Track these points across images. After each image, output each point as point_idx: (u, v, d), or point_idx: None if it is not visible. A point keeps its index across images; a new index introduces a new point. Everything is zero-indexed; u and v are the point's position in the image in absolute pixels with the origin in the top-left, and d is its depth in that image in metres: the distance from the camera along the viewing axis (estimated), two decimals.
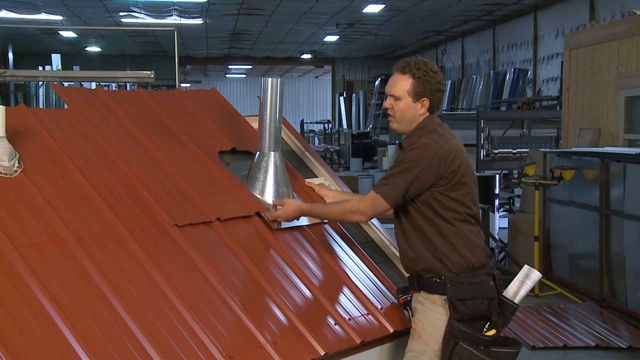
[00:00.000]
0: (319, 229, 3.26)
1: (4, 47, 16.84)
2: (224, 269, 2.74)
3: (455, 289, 2.72)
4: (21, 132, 2.83)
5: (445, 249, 2.76)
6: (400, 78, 2.86)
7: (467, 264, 2.75)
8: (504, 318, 2.79)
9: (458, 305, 2.70)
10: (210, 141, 3.40)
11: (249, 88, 35.19)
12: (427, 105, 2.85)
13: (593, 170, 6.80)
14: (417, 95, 2.83)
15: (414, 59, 2.88)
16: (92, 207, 2.69)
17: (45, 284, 2.31)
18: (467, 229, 2.79)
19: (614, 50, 7.81)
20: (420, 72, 2.82)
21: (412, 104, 2.85)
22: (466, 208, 2.79)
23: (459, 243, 2.76)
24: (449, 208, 2.76)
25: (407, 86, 2.83)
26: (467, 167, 2.82)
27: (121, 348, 2.25)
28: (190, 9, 16.13)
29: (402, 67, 2.86)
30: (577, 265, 7.17)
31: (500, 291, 2.81)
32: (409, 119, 2.87)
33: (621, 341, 5.44)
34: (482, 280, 2.75)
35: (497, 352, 2.71)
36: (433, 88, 2.84)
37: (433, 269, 2.77)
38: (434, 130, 2.85)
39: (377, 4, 15.64)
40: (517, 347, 2.78)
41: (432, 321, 2.77)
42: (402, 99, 2.85)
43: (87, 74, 12.73)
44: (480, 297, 2.73)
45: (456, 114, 15.57)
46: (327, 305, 2.83)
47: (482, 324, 2.73)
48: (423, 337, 2.78)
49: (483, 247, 2.83)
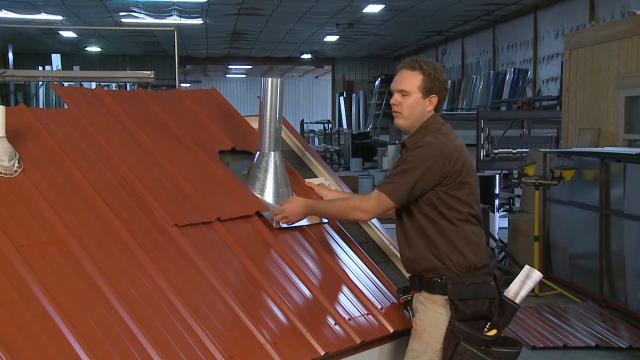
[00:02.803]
0: (319, 229, 3.26)
1: (4, 47, 16.85)
2: (224, 269, 2.74)
3: (456, 289, 2.72)
4: (21, 132, 2.83)
5: (447, 249, 2.75)
6: (410, 74, 2.85)
7: (469, 264, 2.75)
8: (504, 318, 2.79)
9: (459, 305, 2.70)
10: (210, 141, 3.40)
11: (249, 88, 35.19)
12: (435, 102, 2.86)
13: (593, 170, 6.80)
14: (427, 92, 2.84)
15: (421, 58, 2.91)
16: (92, 207, 2.69)
17: (45, 284, 2.31)
18: (469, 229, 2.80)
19: (614, 50, 7.81)
20: (430, 68, 2.83)
21: (421, 100, 2.85)
22: (469, 208, 2.79)
23: (461, 243, 2.76)
24: (452, 207, 2.77)
25: (417, 82, 2.83)
26: (470, 166, 2.83)
27: (121, 348, 2.25)
28: (190, 9, 16.13)
29: (411, 64, 2.87)
30: (577, 265, 7.17)
31: (501, 291, 2.81)
32: (417, 115, 2.87)
33: (621, 341, 5.44)
34: (483, 280, 2.75)
35: (498, 352, 2.71)
36: (441, 85, 2.86)
37: (434, 269, 2.77)
38: (438, 129, 2.85)
39: (377, 4, 15.64)
40: (518, 347, 2.78)
41: (433, 321, 2.77)
42: (411, 95, 2.84)
43: (87, 74, 12.74)
44: (481, 297, 2.73)
45: (456, 114, 15.56)
46: (327, 305, 2.83)
47: (483, 324, 2.74)
48: (424, 337, 2.78)
49: (484, 247, 2.83)
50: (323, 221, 3.29)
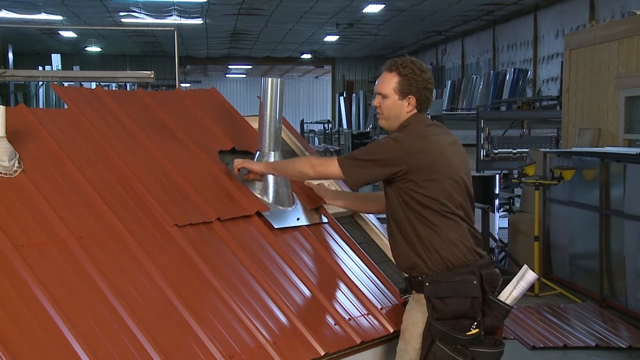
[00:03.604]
0: (319, 229, 3.26)
1: (4, 47, 16.84)
2: (224, 269, 2.74)
3: (432, 287, 2.70)
4: (21, 132, 2.83)
5: (424, 248, 2.74)
6: (387, 76, 2.90)
7: (446, 262, 2.72)
8: (493, 318, 2.74)
9: (436, 304, 2.67)
10: (210, 141, 3.40)
11: (249, 88, 35.18)
12: (414, 103, 2.87)
13: (593, 170, 6.80)
14: (403, 93, 2.86)
15: (402, 58, 2.91)
16: (92, 207, 2.69)
17: (45, 284, 2.31)
18: (447, 226, 2.74)
19: (614, 50, 7.81)
20: (406, 69, 2.85)
21: (398, 102, 2.87)
22: (441, 205, 2.74)
23: (437, 241, 2.73)
24: (424, 205, 2.74)
25: (393, 84, 2.87)
26: (441, 163, 2.77)
27: (121, 348, 2.25)
28: (190, 9, 16.13)
29: (389, 66, 2.90)
30: (577, 265, 7.17)
31: (492, 291, 2.76)
32: (396, 116, 2.90)
33: (621, 341, 5.44)
34: (462, 279, 2.70)
35: (474, 352, 2.67)
36: (419, 86, 2.86)
37: (416, 267, 2.77)
38: (415, 127, 2.85)
39: (377, 4, 15.64)
40: (499, 347, 2.72)
41: (414, 320, 2.77)
42: (389, 97, 2.88)
43: (87, 74, 12.74)
44: (460, 296, 2.68)
45: (456, 114, 15.56)
46: (327, 305, 2.83)
47: (468, 324, 2.69)
48: (406, 336, 2.79)
49: (465, 245, 2.76)
50: (323, 221, 3.30)
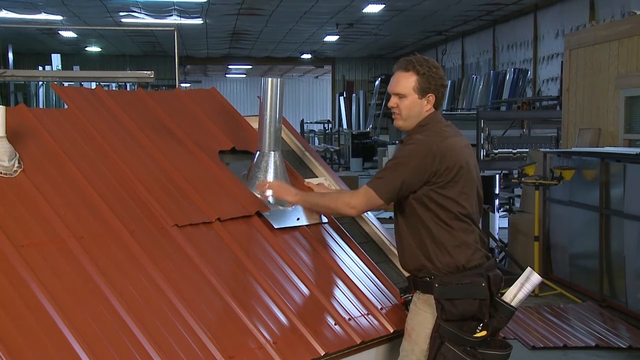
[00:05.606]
0: (319, 229, 3.26)
1: (4, 47, 16.85)
2: (224, 269, 2.74)
3: (442, 288, 2.70)
4: (21, 132, 2.83)
5: (436, 249, 2.74)
6: (404, 76, 2.85)
7: (457, 264, 2.73)
8: (499, 320, 2.75)
9: (445, 305, 2.68)
10: (210, 141, 3.40)
11: (249, 88, 35.20)
12: (433, 101, 2.86)
13: (593, 170, 6.80)
14: (423, 92, 2.84)
15: (416, 57, 2.89)
16: (92, 207, 2.69)
17: (45, 284, 2.31)
18: (460, 228, 2.76)
19: (614, 50, 7.81)
20: (423, 68, 2.83)
21: (418, 101, 2.85)
22: (460, 207, 2.75)
23: (450, 243, 2.74)
24: (442, 206, 2.74)
25: (412, 83, 2.83)
26: (463, 165, 2.78)
27: (121, 348, 2.25)
28: (190, 9, 16.14)
29: (404, 65, 2.86)
30: (577, 265, 7.16)
31: (496, 293, 2.78)
32: (416, 115, 2.87)
33: (621, 341, 5.44)
34: (472, 281, 2.71)
35: (484, 354, 2.68)
36: (437, 83, 2.85)
37: (424, 268, 2.77)
38: (435, 127, 2.84)
39: (377, 4, 15.65)
40: (507, 350, 2.74)
41: (421, 320, 2.77)
42: (407, 97, 2.84)
43: (87, 74, 12.75)
44: (469, 298, 2.69)
45: (456, 114, 15.56)
46: (327, 305, 2.83)
47: (475, 325, 2.70)
48: (412, 336, 2.78)
49: (477, 248, 2.79)
50: (323, 221, 3.29)
